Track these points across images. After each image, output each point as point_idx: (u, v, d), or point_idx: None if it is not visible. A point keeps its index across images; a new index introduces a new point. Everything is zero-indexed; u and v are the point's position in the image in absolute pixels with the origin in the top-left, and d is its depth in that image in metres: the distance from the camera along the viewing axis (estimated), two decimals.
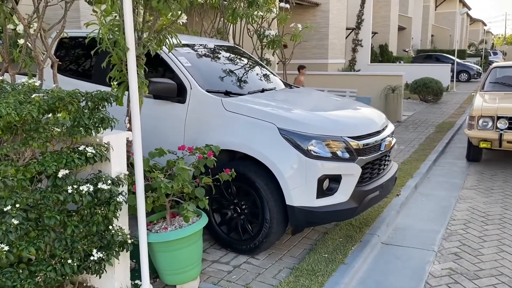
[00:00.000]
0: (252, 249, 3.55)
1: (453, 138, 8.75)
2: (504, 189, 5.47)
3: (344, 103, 4.48)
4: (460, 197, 5.21)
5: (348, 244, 3.77)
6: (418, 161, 6.69)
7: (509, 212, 4.69)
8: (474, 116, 6.29)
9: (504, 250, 3.75)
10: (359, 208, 3.54)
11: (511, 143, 6.01)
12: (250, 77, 4.70)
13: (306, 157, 3.33)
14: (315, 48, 16.55)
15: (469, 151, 6.77)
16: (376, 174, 3.80)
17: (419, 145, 7.92)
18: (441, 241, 3.98)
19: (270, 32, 5.97)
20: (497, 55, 44.50)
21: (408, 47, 30.10)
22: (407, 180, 5.65)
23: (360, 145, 3.51)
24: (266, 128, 3.45)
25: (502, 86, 7.32)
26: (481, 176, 6.10)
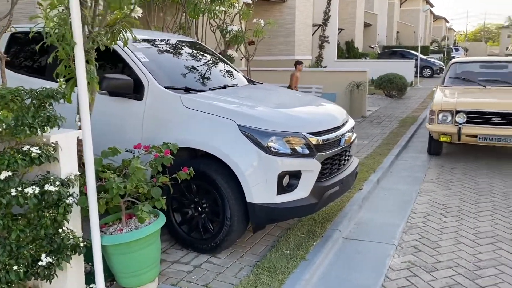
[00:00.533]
0: (213, 248, 3.50)
1: (416, 133, 8.94)
2: (462, 182, 5.62)
3: (304, 99, 4.47)
4: (421, 191, 5.31)
5: (310, 239, 3.76)
6: (381, 155, 6.79)
7: (467, 204, 4.81)
8: (434, 111, 6.43)
9: (461, 242, 3.84)
10: (319, 204, 3.54)
11: (470, 137, 6.18)
12: (211, 73, 4.63)
13: (266, 154, 3.30)
14: (282, 44, 16.58)
15: (430, 145, 6.93)
16: (336, 170, 3.81)
17: (383, 140, 8.05)
18: (402, 235, 4.03)
19: (233, 28, 5.90)
20: (459, 51, 45.93)
21: (374, 44, 30.64)
22: (370, 174, 5.72)
23: (320, 141, 3.51)
24: (225, 125, 3.40)
25: (461, 81, 7.51)
26: (441, 169, 6.24)
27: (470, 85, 7.31)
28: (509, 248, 3.70)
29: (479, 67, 7.94)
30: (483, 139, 6.07)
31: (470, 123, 6.16)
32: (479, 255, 3.58)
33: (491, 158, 6.75)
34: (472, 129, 6.13)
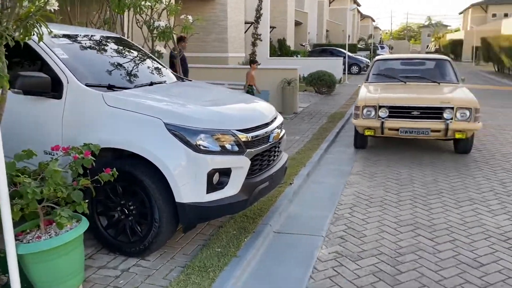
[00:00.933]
0: (142, 250, 3.40)
1: (344, 127, 9.29)
2: (386, 173, 5.93)
3: (233, 96, 4.47)
4: (347, 183, 5.54)
5: (241, 236, 3.78)
6: (311, 150, 6.99)
7: (389, 194, 5.09)
8: (359, 106, 6.72)
9: (384, 231, 4.05)
10: (250, 200, 3.57)
11: (392, 130, 6.54)
12: (137, 70, 4.48)
13: (195, 152, 3.26)
14: (215, 41, 16.50)
15: (356, 139, 7.24)
16: (266, 165, 3.86)
17: (313, 135, 8.28)
18: (329, 226, 4.18)
19: (160, 24, 5.76)
20: (384, 49, 48.47)
21: (305, 42, 31.42)
22: (300, 169, 5.86)
23: (249, 138, 3.53)
24: (151, 124, 3.31)
25: (384, 78, 7.92)
26: (367, 162, 6.55)
27: (392, 81, 7.73)
28: (426, 234, 3.96)
29: (400, 64, 8.43)
30: (404, 132, 6.45)
31: (392, 117, 6.52)
32: (400, 242, 3.80)
33: (412, 150, 7.19)
34: (393, 123, 6.49)
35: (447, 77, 7.74)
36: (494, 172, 5.93)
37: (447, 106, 6.30)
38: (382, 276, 3.24)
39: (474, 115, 6.29)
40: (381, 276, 3.23)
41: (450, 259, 3.48)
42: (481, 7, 53.25)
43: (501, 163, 6.35)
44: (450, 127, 6.22)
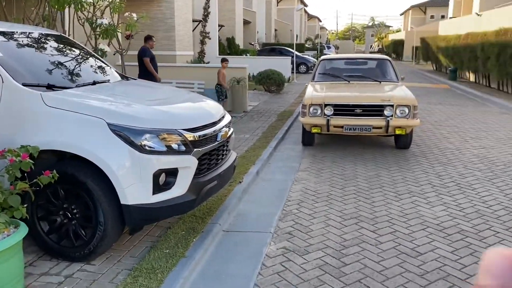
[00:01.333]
0: (87, 255, 3.31)
1: (292, 125, 9.47)
2: (332, 169, 6.12)
3: (180, 95, 4.44)
4: (295, 179, 5.66)
5: (190, 236, 3.77)
6: (260, 148, 7.07)
7: (335, 189, 5.25)
8: (306, 105, 6.88)
9: (330, 225, 4.18)
10: (197, 200, 3.56)
11: (337, 127, 6.75)
12: (79, 69, 4.34)
13: (140, 153, 3.21)
14: (163, 39, 16.22)
15: (304, 136, 7.41)
16: (214, 164, 3.87)
17: (263, 133, 8.38)
18: (278, 222, 4.25)
19: (103, 21, 5.59)
20: (331, 48, 49.70)
21: (254, 41, 31.62)
22: (250, 167, 5.91)
23: (196, 137, 3.52)
24: (94, 124, 3.22)
25: (329, 77, 8.15)
26: (314, 158, 6.72)
27: (336, 81, 7.97)
28: (369, 227, 4.13)
29: (344, 63, 8.70)
30: (348, 129, 6.68)
31: (337, 115, 6.73)
32: (344, 235, 3.94)
33: (356, 146, 7.46)
34: (338, 121, 6.70)
35: (388, 76, 8.10)
36: (432, 165, 6.28)
37: (387, 104, 6.59)
38: (327, 269, 3.35)
39: (413, 112, 6.62)
40: (327, 269, 3.34)
41: (391, 249, 3.65)
42: (420, 8, 55.98)
43: (438, 157, 6.74)
44: (391, 123, 6.52)
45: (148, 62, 8.83)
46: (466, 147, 7.41)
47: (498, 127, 9.38)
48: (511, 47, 13.22)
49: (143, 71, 8.79)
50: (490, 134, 8.53)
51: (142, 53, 8.91)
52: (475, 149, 7.30)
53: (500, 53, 14.21)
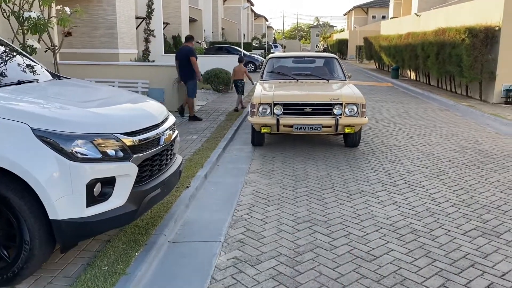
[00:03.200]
0: (11, 278, 2.90)
1: (241, 125, 9.25)
2: (282, 170, 5.96)
3: (119, 95, 4.07)
4: (245, 182, 5.44)
5: (132, 250, 3.44)
6: (209, 149, 6.79)
7: (286, 191, 5.09)
8: (255, 104, 6.68)
9: (283, 230, 4.00)
10: (139, 211, 3.24)
11: (287, 127, 6.60)
12: (4, 67, 3.87)
13: (71, 161, 2.85)
14: (104, 37, 15.45)
15: (253, 136, 7.21)
16: (157, 171, 3.56)
17: (211, 134, 8.10)
18: (228, 230, 4.01)
19: (31, 14, 5.07)
20: (278, 48, 50.16)
21: (201, 39, 31.13)
22: (197, 170, 5.62)
23: (136, 141, 3.20)
24: (16, 130, 2.82)
25: (277, 75, 8.01)
26: (264, 159, 6.54)
27: (285, 79, 7.85)
28: (322, 230, 3.99)
29: (292, 62, 8.61)
30: (298, 128, 6.55)
31: (286, 114, 6.59)
32: (298, 241, 3.77)
33: (306, 145, 7.36)
34: (288, 120, 6.56)
35: (336, 74, 8.08)
36: (381, 163, 6.29)
37: (336, 102, 6.53)
38: (282, 279, 3.15)
39: (361, 110, 6.61)
40: (281, 279, 3.14)
41: (346, 254, 3.52)
42: (362, 9, 57.80)
43: (386, 155, 6.78)
44: (340, 122, 6.47)
45: (196, 62, 9.18)
46: (412, 144, 7.53)
47: (440, 123, 9.68)
48: (449, 46, 13.77)
49: (189, 71, 9.18)
50: (433, 131, 8.76)
51: (190, 52, 9.19)
52: (420, 145, 7.43)
53: (439, 52, 14.78)
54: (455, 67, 13.58)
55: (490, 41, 12.52)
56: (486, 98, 13.06)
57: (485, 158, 6.61)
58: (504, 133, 8.65)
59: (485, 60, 12.58)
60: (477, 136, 8.29)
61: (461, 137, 8.22)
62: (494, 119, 9.96)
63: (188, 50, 9.28)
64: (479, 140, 7.97)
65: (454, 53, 13.43)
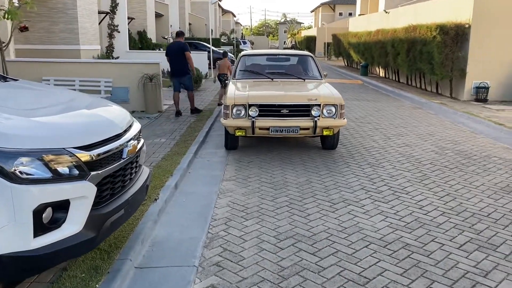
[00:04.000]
0: None
1: (213, 126, 8.79)
2: (260, 176, 5.55)
3: (74, 99, 3.53)
4: (220, 191, 5.00)
5: (92, 280, 2.95)
6: (179, 154, 6.31)
7: (265, 201, 4.69)
8: (228, 105, 6.24)
9: (264, 249, 3.59)
10: (99, 237, 2.77)
11: (263, 130, 6.21)
12: None
13: (13, 183, 2.35)
14: (64, 32, 14.57)
15: (227, 139, 6.77)
16: (119, 189, 3.08)
17: (181, 136, 7.60)
18: (203, 251, 3.57)
19: None
20: (246, 44, 49.76)
21: (167, 35, 30.28)
22: (167, 179, 5.15)
23: (93, 156, 2.72)
24: None
25: (251, 74, 7.59)
26: (239, 164, 6.11)
27: (259, 78, 7.44)
28: (308, 248, 3.61)
29: (266, 59, 8.21)
30: (274, 131, 6.17)
31: (262, 116, 6.19)
32: (282, 262, 3.38)
33: (282, 148, 6.99)
34: (264, 122, 6.16)
35: (311, 73, 7.74)
36: (361, 167, 5.99)
37: (314, 103, 6.19)
38: None
39: (340, 111, 6.29)
40: None
41: (336, 277, 3.15)
42: (329, 6, 58.02)
43: (365, 158, 6.49)
44: (318, 124, 6.13)
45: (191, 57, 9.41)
46: (390, 145, 7.29)
47: (415, 122, 9.53)
48: (420, 43, 13.73)
49: (184, 66, 9.31)
50: (409, 130, 8.57)
51: (186, 47, 9.37)
52: (399, 147, 7.20)
53: (410, 49, 14.74)
54: (426, 64, 13.57)
55: (461, 38, 12.53)
56: (456, 96, 13.10)
57: (466, 160, 6.43)
58: (479, 132, 8.57)
59: (455, 57, 12.59)
60: (453, 136, 8.16)
61: (438, 136, 8.06)
62: (467, 117, 9.91)
63: (182, 45, 9.35)
64: (456, 140, 7.83)
65: (425, 50, 13.41)
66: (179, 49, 9.27)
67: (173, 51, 9.38)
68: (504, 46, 12.23)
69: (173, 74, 9.62)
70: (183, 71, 9.40)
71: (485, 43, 12.23)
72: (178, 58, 9.29)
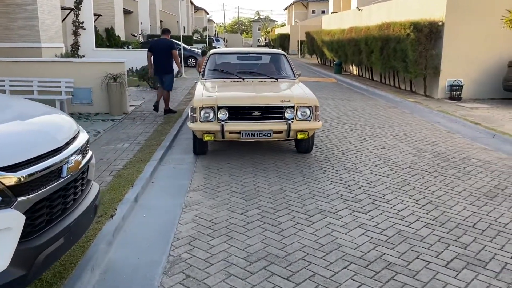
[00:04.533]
0: None
1: (182, 129, 8.31)
2: (229, 185, 5.14)
3: (2, 107, 3.00)
4: (186, 204, 4.56)
5: None
6: (142, 161, 5.83)
7: (235, 215, 4.28)
8: (196, 108, 5.79)
9: (232, 274, 3.18)
10: (30, 275, 2.29)
11: (233, 134, 5.79)
12: None
13: None
14: (23, 29, 13.74)
15: (195, 144, 6.31)
16: (59, 213, 2.60)
17: (146, 141, 7.11)
18: (162, 278, 3.13)
19: None
20: (220, 41, 49.09)
21: (138, 32, 29.44)
22: (126, 191, 4.68)
23: (21, 178, 2.24)
24: None
25: (221, 74, 7.15)
26: (208, 171, 5.68)
27: (229, 78, 7.00)
28: (282, 271, 3.22)
29: (236, 58, 7.79)
30: (245, 135, 5.76)
31: (233, 119, 5.77)
32: None
33: (254, 153, 6.59)
34: (234, 126, 5.75)
35: (284, 72, 7.36)
36: (338, 172, 5.65)
37: (287, 105, 5.81)
38: None
39: (315, 113, 5.94)
40: None
41: None
42: (302, 4, 57.99)
43: (342, 162, 6.16)
44: (292, 127, 5.75)
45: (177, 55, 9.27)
46: (367, 148, 7.00)
47: (391, 122, 9.30)
48: (394, 41, 13.57)
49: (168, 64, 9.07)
50: (386, 131, 8.32)
51: (173, 45, 9.26)
52: (376, 149, 6.91)
53: (384, 47, 14.58)
54: (400, 62, 13.42)
55: (434, 36, 12.41)
56: (430, 94, 13.00)
57: (445, 162, 6.19)
58: (456, 131, 8.40)
59: (429, 55, 12.47)
60: (430, 136, 7.95)
61: (414, 137, 7.83)
62: (442, 116, 9.76)
63: (169, 43, 9.23)
64: (433, 140, 7.61)
65: (399, 48, 13.25)
66: (165, 46, 9.12)
67: (159, 48, 9.16)
68: (477, 43, 12.18)
69: (156, 72, 9.39)
70: (166, 69, 9.18)
71: (458, 40, 12.16)
72: (163, 55, 9.10)
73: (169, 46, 9.17)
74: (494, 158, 6.51)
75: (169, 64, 9.20)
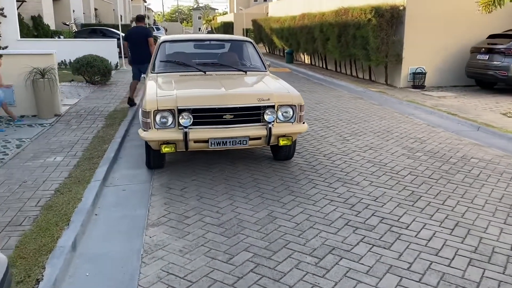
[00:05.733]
0: None
1: (128, 132, 6.92)
2: (201, 214, 3.92)
3: None
4: (145, 249, 3.30)
5: None
6: (81, 183, 4.47)
7: (218, 264, 3.08)
8: (149, 111, 4.48)
9: None
10: None
11: (199, 143, 4.56)
12: None
13: None
14: None
15: (149, 157, 5.00)
16: None
17: (84, 151, 5.68)
18: None
19: None
20: (160, 30, 46.68)
21: (70, 21, 26.87)
22: (59, 232, 3.35)
23: None
24: None
25: (175, 66, 5.81)
26: (170, 194, 4.41)
27: (187, 71, 5.69)
28: None
29: (193, 47, 6.49)
30: (215, 144, 4.55)
31: (198, 124, 4.53)
32: None
33: (225, 164, 5.39)
34: (201, 133, 4.52)
35: (253, 63, 6.17)
36: (331, 186, 4.61)
37: (267, 104, 4.66)
38: None
39: (299, 113, 4.84)
40: None
41: None
42: None
43: (331, 170, 5.13)
44: (273, 131, 4.62)
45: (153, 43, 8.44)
46: (352, 149, 6.02)
47: (363, 115, 8.43)
48: (353, 27, 12.77)
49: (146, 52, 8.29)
50: (363, 127, 7.42)
51: (149, 33, 8.74)
52: (363, 151, 5.96)
53: (341, 34, 13.77)
54: (360, 50, 12.65)
55: (396, 21, 11.72)
56: (392, 83, 12.37)
57: (445, 165, 5.35)
58: (436, 125, 7.66)
59: (391, 42, 11.77)
60: (412, 131, 7.14)
61: (396, 133, 6.99)
62: (415, 107, 9.07)
63: (145, 31, 8.74)
64: (418, 136, 6.79)
65: (359, 35, 12.45)
66: (141, 35, 8.53)
67: (136, 36, 8.57)
68: (439, 29, 11.63)
69: (133, 61, 8.77)
70: (144, 58, 8.30)
71: (420, 26, 11.54)
72: (140, 44, 8.48)
73: (146, 34, 8.61)
74: (492, 156, 5.78)
75: (147, 52, 8.35)
